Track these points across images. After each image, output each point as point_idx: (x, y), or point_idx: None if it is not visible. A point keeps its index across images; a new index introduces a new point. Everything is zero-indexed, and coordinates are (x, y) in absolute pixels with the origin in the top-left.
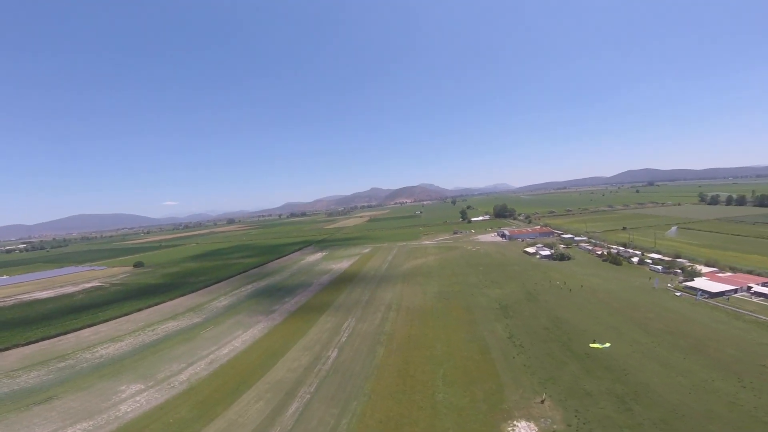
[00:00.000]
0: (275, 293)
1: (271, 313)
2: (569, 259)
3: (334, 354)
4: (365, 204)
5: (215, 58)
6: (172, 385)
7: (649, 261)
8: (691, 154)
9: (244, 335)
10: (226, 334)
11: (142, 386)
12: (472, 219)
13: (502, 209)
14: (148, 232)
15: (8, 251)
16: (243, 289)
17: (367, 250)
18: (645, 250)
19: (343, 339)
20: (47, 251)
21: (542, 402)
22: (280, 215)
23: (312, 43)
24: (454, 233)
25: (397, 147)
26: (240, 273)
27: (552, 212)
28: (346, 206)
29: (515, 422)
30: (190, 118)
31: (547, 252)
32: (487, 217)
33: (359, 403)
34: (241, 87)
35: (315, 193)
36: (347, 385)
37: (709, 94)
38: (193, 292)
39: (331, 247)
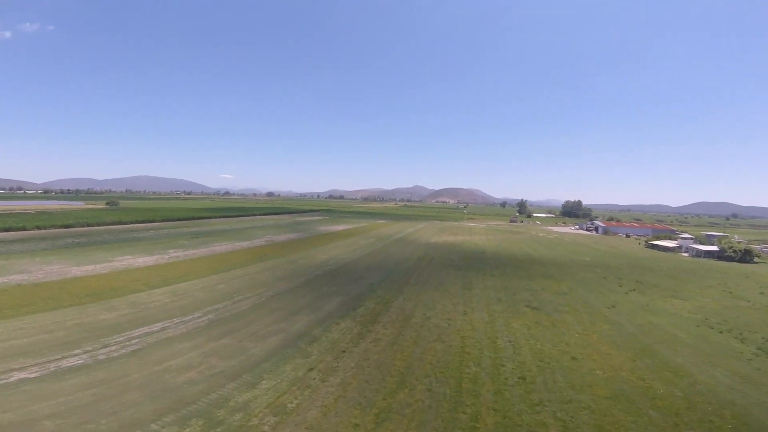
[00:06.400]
0: (189, 239)
1: (114, 258)
2: (756, 262)
3: None
4: (406, 198)
5: (288, 48)
6: None
7: None
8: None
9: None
10: None
11: None
12: (534, 214)
13: (575, 207)
14: (189, 193)
15: (45, 191)
16: (160, 232)
17: (382, 221)
18: None
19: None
20: (77, 194)
21: None
22: (319, 195)
23: (381, 42)
24: (511, 221)
25: (445, 148)
26: (202, 218)
27: (638, 219)
28: (386, 197)
29: None
30: (256, 99)
31: (705, 248)
32: (551, 215)
33: None
34: (309, 77)
35: (359, 184)
36: None
37: None
38: (106, 224)
39: (343, 216)
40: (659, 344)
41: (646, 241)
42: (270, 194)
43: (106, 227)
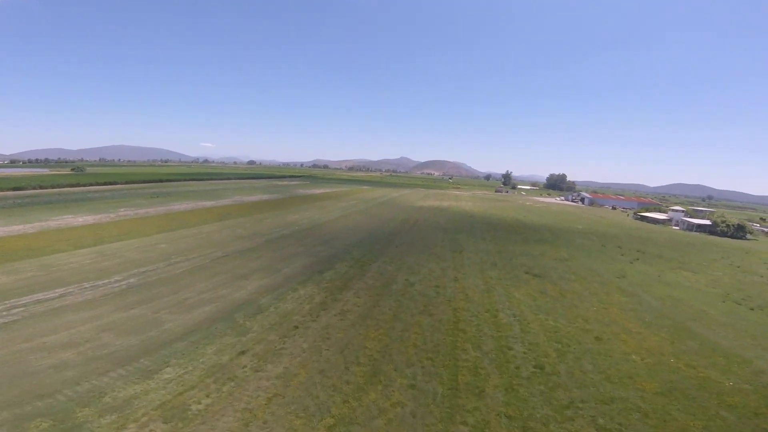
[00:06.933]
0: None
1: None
2: (748, 239)
3: None
4: (392, 169)
5: (276, 17)
6: None
7: None
8: (745, 178)
9: None
10: None
11: None
12: (518, 186)
13: (559, 180)
14: (167, 161)
15: (12, 161)
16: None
17: (365, 187)
18: None
19: None
20: (44, 163)
21: None
22: (302, 164)
23: (373, 12)
24: (497, 191)
25: (432, 121)
26: (170, 181)
27: (620, 196)
28: (372, 168)
29: None
30: (238, 67)
31: (698, 221)
32: (535, 188)
33: None
34: (296, 46)
35: (344, 154)
36: None
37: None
38: (61, 187)
39: (325, 181)
40: (692, 322)
41: (634, 213)
42: (251, 162)
43: (59, 189)
